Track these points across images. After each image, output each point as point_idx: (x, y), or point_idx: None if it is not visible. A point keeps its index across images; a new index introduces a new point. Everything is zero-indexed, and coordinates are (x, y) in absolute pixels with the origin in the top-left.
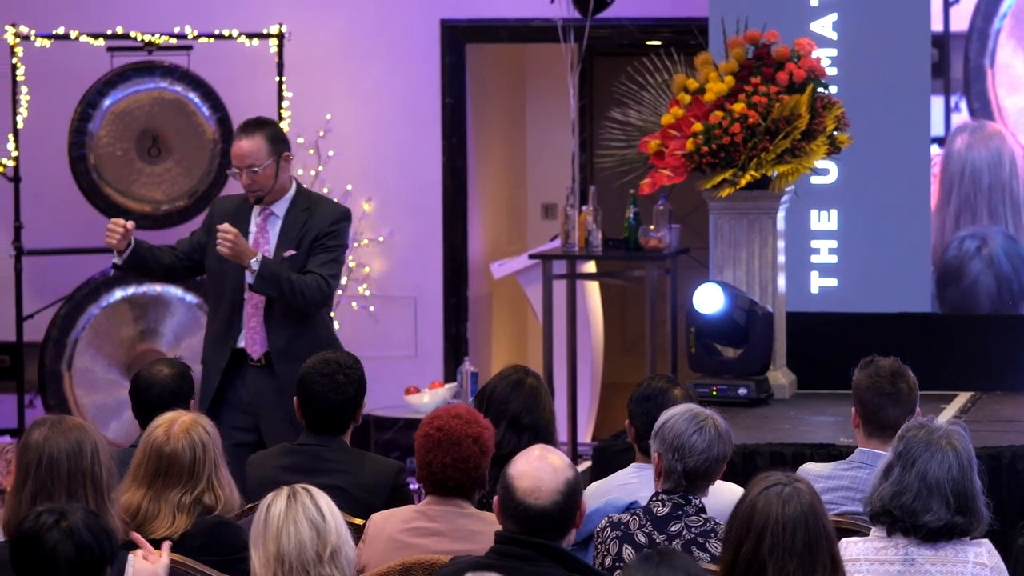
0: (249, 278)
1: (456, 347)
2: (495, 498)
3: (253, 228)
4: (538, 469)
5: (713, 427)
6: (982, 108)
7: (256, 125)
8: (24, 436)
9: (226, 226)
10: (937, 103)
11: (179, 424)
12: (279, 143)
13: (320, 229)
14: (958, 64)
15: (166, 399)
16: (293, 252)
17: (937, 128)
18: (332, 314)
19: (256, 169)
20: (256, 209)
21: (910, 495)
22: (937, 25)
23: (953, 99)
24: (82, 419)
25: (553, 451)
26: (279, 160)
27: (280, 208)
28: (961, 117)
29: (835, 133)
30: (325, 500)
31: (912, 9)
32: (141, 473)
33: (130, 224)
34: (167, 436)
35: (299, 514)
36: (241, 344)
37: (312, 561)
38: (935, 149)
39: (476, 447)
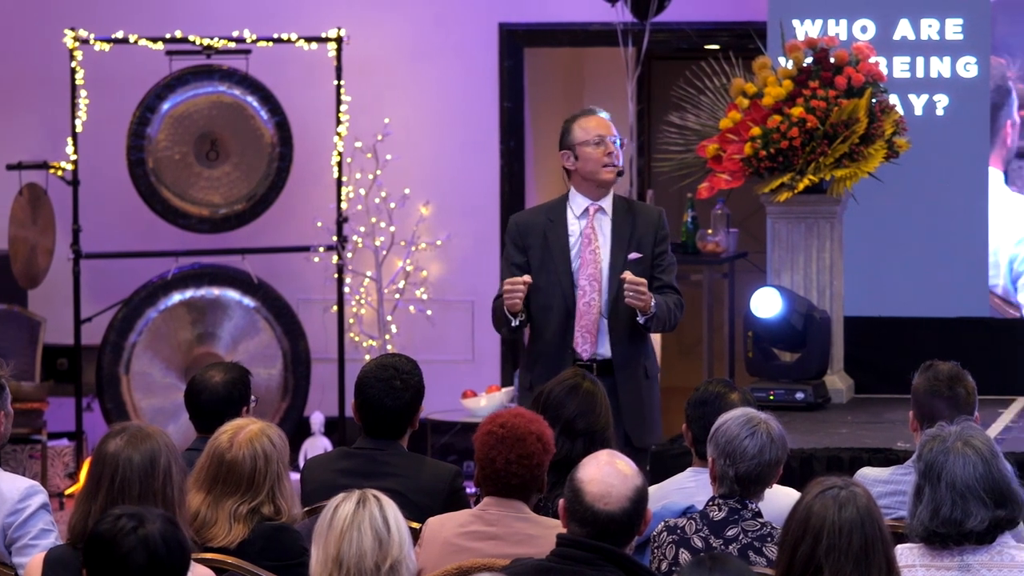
0: (641, 319)
1: (513, 351)
2: (560, 501)
3: (577, 228)
4: (608, 475)
5: (766, 431)
6: None
7: (599, 110)
8: (100, 443)
9: (630, 277)
10: None
11: (245, 432)
12: None
13: (656, 232)
14: None
15: (215, 405)
16: (638, 255)
17: None
18: (389, 318)
19: (619, 141)
20: (571, 212)
21: (947, 508)
22: None
23: None
24: (159, 429)
25: (620, 457)
26: None
27: (607, 204)
28: None
29: (894, 138)
30: (393, 511)
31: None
32: (202, 477)
33: (526, 278)
34: (230, 443)
35: (365, 521)
36: (574, 346)
37: (370, 571)
38: None
39: (539, 444)
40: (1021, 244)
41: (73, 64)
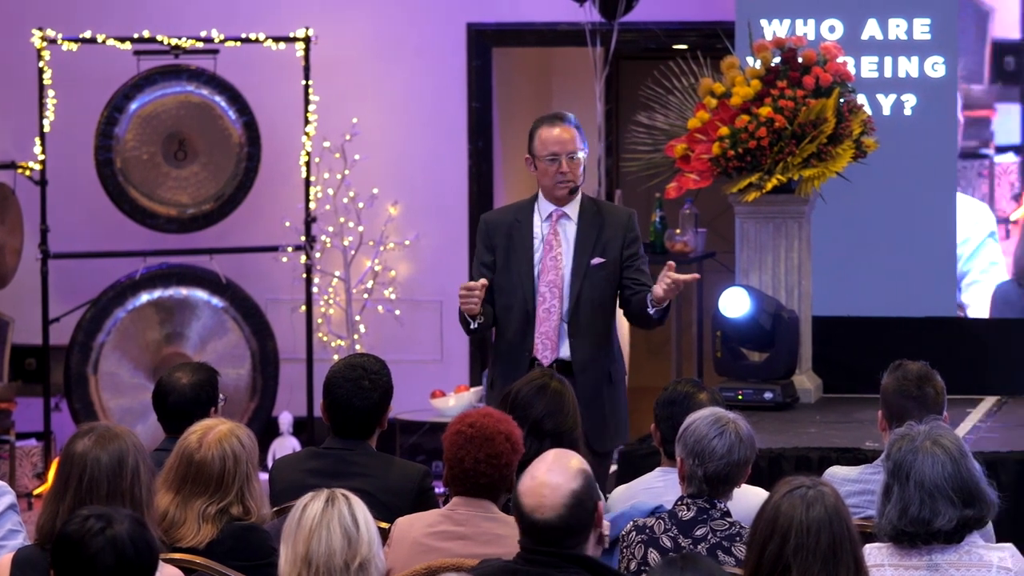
0: (655, 312)
1: (482, 351)
2: None
3: (540, 233)
4: (540, 485)
5: (734, 431)
6: None
7: (566, 116)
8: (68, 444)
9: (676, 276)
10: (1014, 110)
11: (214, 433)
12: (585, 139)
13: (624, 236)
14: None
15: (183, 407)
16: (602, 260)
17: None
18: (358, 317)
19: (575, 156)
20: (538, 214)
21: (915, 507)
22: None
23: None
24: (127, 429)
25: (564, 458)
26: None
27: (572, 210)
28: None
29: (861, 137)
30: (362, 510)
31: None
32: (171, 477)
33: (482, 282)
34: (199, 444)
35: (334, 520)
36: (534, 353)
37: (339, 569)
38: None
39: (508, 444)
40: (965, 244)
41: (41, 64)
